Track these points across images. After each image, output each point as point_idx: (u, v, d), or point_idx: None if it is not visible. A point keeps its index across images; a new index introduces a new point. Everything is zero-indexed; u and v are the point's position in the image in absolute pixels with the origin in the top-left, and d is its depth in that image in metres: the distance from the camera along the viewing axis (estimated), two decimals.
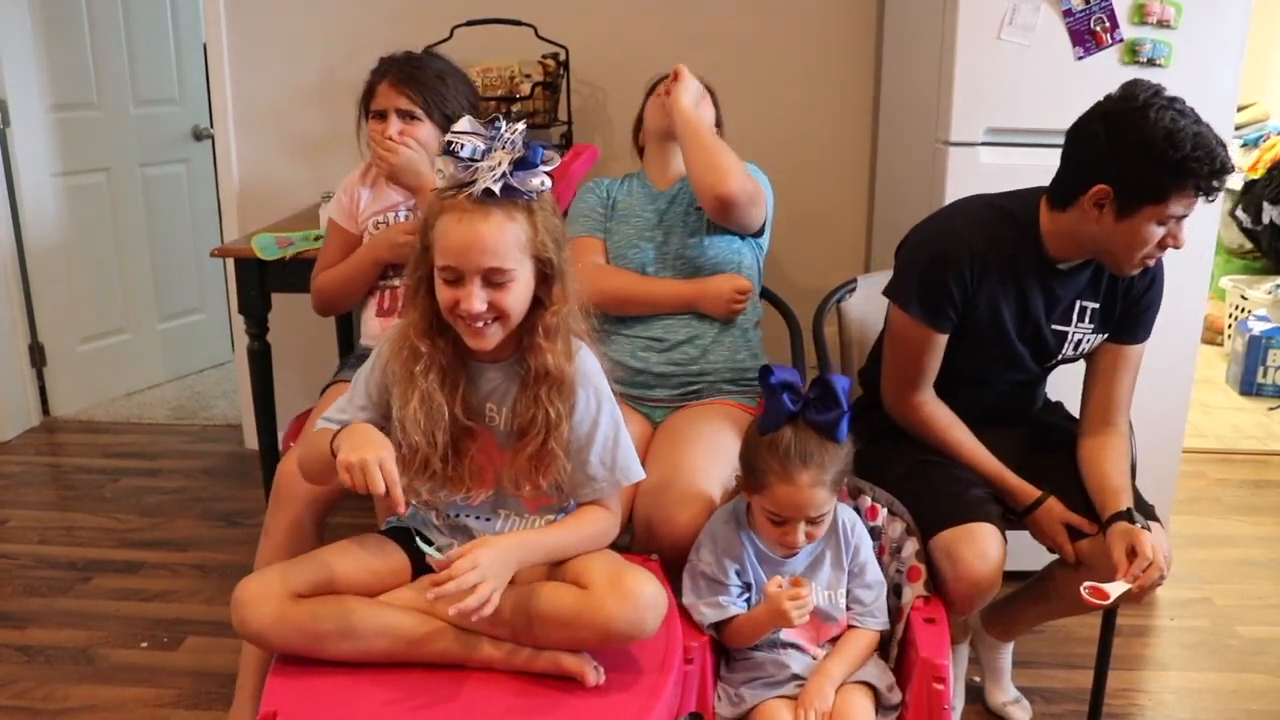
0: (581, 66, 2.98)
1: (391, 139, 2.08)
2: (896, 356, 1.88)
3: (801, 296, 2.40)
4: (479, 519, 1.56)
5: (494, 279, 1.39)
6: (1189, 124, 1.58)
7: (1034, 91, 2.26)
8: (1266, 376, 3.98)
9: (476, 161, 1.36)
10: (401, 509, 1.36)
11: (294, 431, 2.23)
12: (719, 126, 2.22)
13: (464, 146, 1.36)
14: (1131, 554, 1.64)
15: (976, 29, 2.24)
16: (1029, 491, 1.82)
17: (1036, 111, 2.26)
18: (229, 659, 2.20)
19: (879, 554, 1.77)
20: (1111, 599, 1.62)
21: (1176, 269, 1.84)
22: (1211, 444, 3.53)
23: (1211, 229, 2.46)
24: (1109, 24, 2.22)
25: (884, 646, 1.73)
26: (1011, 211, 1.81)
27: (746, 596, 1.68)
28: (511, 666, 1.46)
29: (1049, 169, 1.78)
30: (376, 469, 1.33)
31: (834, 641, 1.70)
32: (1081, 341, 1.86)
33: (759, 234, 2.16)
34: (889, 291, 1.87)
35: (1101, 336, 1.87)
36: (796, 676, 1.65)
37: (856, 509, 1.80)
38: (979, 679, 2.13)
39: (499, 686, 1.44)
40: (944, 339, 1.82)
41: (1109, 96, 1.68)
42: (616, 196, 2.24)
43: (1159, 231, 1.66)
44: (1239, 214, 4.57)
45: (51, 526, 2.90)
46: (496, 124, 1.38)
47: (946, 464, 1.85)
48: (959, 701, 2.04)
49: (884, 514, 1.79)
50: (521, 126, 1.38)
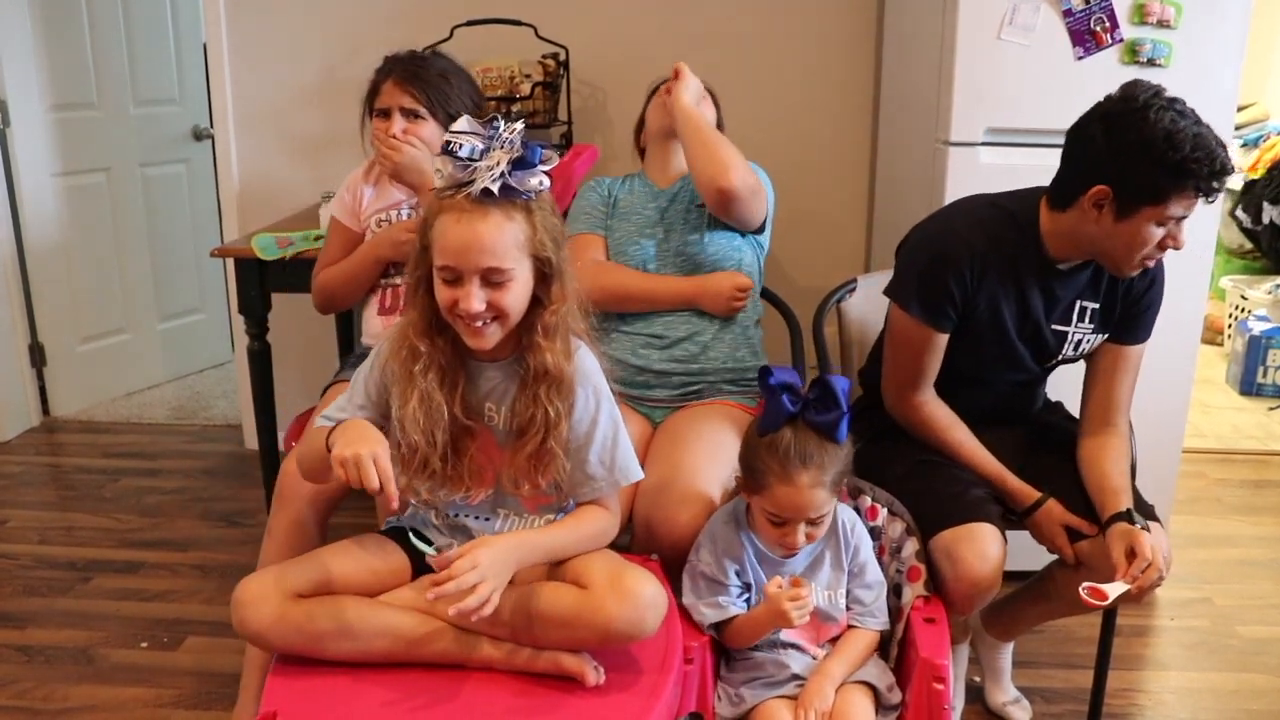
0: (581, 66, 2.98)
1: (395, 137, 2.09)
2: (897, 356, 1.88)
3: (801, 296, 2.41)
4: (478, 519, 1.56)
5: (493, 279, 1.39)
6: (1189, 125, 1.58)
7: (1034, 91, 2.26)
8: (1266, 376, 3.98)
9: (475, 161, 1.36)
10: (395, 503, 1.36)
11: (295, 431, 2.23)
12: (720, 127, 2.21)
13: (462, 146, 1.36)
14: (1131, 555, 1.64)
15: (976, 29, 2.24)
16: (1028, 493, 1.82)
17: (1036, 111, 2.26)
18: (229, 659, 2.21)
19: (879, 554, 1.77)
20: (1110, 599, 1.62)
21: (1176, 269, 1.84)
22: (1211, 444, 3.52)
23: (1211, 229, 2.46)
24: (1109, 24, 2.22)
25: (884, 646, 1.73)
26: (1012, 211, 1.81)
27: (746, 597, 1.68)
28: (512, 667, 1.46)
29: (1049, 169, 1.78)
30: (370, 464, 1.33)
31: (834, 641, 1.70)
32: (1082, 342, 1.86)
33: (759, 231, 2.16)
34: (889, 291, 1.87)
35: (1101, 337, 1.87)
36: (796, 676, 1.65)
37: (856, 509, 1.80)
38: (979, 679, 2.13)
39: (499, 686, 1.44)
40: (944, 339, 1.83)
41: (1109, 97, 1.67)
42: (618, 195, 2.24)
43: (1158, 232, 1.65)
44: (1239, 214, 4.57)
45: (51, 526, 2.90)
46: (495, 123, 1.38)
47: (946, 464, 1.85)
48: (959, 701, 2.04)
49: (884, 514, 1.79)
50: (520, 126, 1.38)
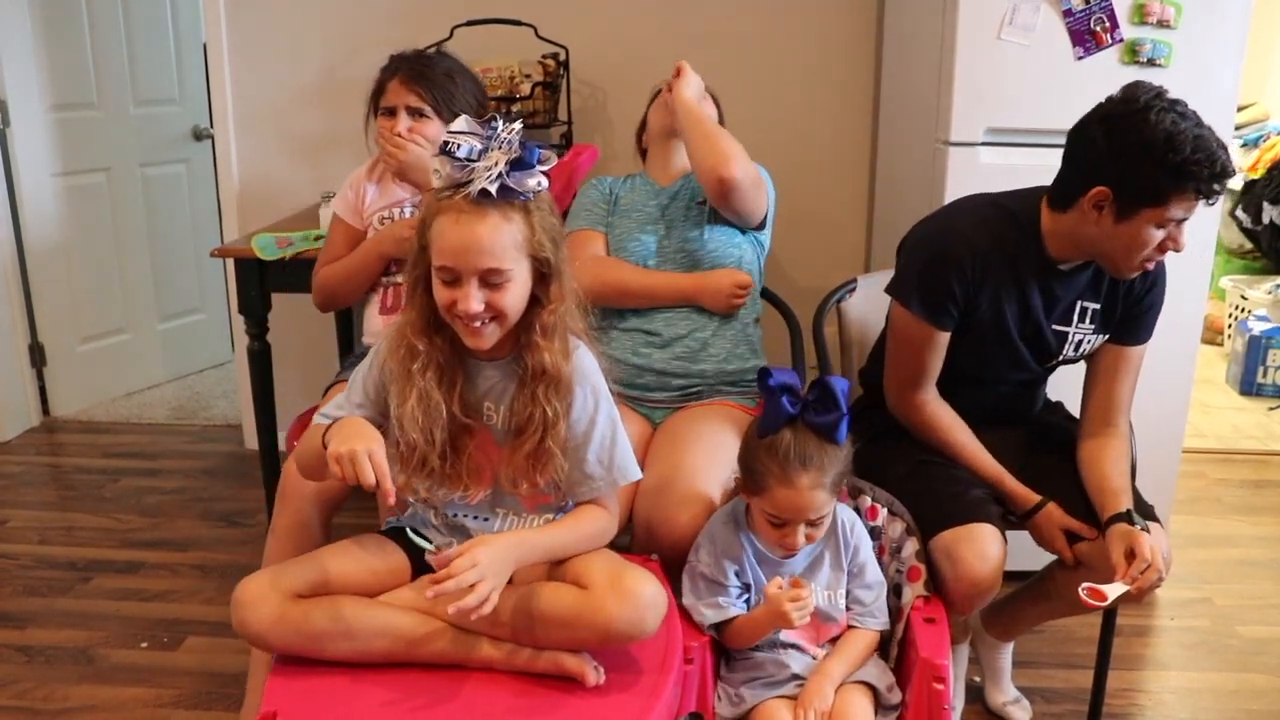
0: (581, 66, 2.97)
1: (400, 136, 2.10)
2: (899, 354, 1.88)
3: (801, 296, 2.41)
4: (476, 518, 1.56)
5: (491, 279, 1.39)
6: (1190, 127, 1.58)
7: (1034, 91, 2.26)
8: (1266, 376, 3.98)
9: (473, 161, 1.36)
10: (391, 499, 1.36)
11: (296, 431, 2.24)
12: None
13: (460, 147, 1.36)
14: (1130, 555, 1.64)
15: (976, 29, 2.24)
16: (1028, 496, 1.82)
17: (1036, 111, 2.26)
18: (229, 659, 2.21)
19: (879, 554, 1.77)
20: (1109, 600, 1.62)
21: (1176, 269, 1.84)
22: (1211, 444, 3.52)
23: (1211, 229, 2.46)
24: (1109, 24, 2.22)
25: (884, 646, 1.73)
26: (1013, 211, 1.80)
27: (746, 597, 1.68)
28: (512, 667, 1.46)
29: (1049, 169, 1.78)
30: (366, 460, 1.33)
31: (834, 641, 1.70)
32: (1082, 342, 1.86)
33: (760, 229, 2.16)
34: (891, 289, 1.87)
35: (1102, 337, 1.86)
36: (796, 676, 1.65)
37: (856, 509, 1.80)
38: (979, 679, 2.13)
39: (499, 686, 1.44)
40: (946, 337, 1.82)
41: (1110, 98, 1.67)
42: (619, 193, 2.24)
43: (1158, 234, 1.65)
44: (1239, 214, 4.57)
45: (51, 526, 2.90)
46: (493, 124, 1.38)
47: (946, 464, 1.85)
48: (959, 701, 2.04)
49: (884, 514, 1.79)
50: (518, 126, 1.38)
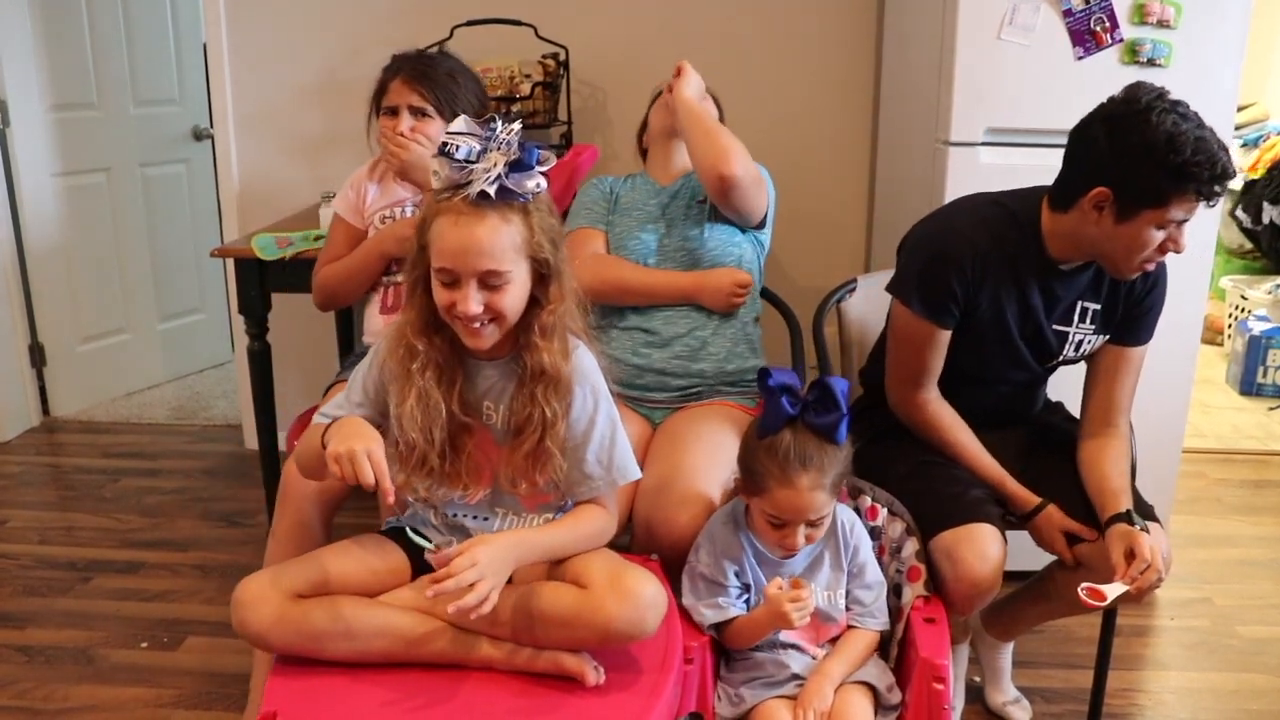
0: (581, 66, 2.97)
1: (403, 135, 2.10)
2: (900, 353, 1.88)
3: (801, 296, 2.41)
4: (476, 518, 1.56)
5: (490, 281, 1.39)
6: (1191, 128, 1.57)
7: (1034, 91, 2.26)
8: (1266, 376, 3.98)
9: (472, 163, 1.36)
10: (390, 498, 1.36)
11: (296, 431, 2.23)
12: None
13: (459, 148, 1.35)
14: (1130, 556, 1.64)
15: (976, 29, 2.24)
16: (1028, 498, 1.82)
17: (1036, 111, 2.26)
18: (229, 659, 2.21)
19: (879, 554, 1.77)
20: (1109, 600, 1.62)
21: (1176, 269, 1.84)
22: (1211, 444, 3.52)
23: (1211, 229, 2.46)
24: (1109, 24, 2.22)
25: (884, 646, 1.73)
26: (1014, 210, 1.80)
27: (746, 598, 1.68)
28: (512, 667, 1.46)
29: (1049, 169, 1.78)
30: (365, 459, 1.34)
31: (834, 642, 1.70)
32: (1083, 342, 1.86)
33: (760, 227, 2.16)
34: (892, 287, 1.87)
35: (1103, 338, 1.86)
36: (796, 676, 1.65)
37: (856, 509, 1.80)
38: (979, 679, 2.13)
39: (499, 686, 1.44)
40: (947, 335, 1.82)
41: (1111, 99, 1.67)
42: (619, 192, 2.24)
43: (1158, 235, 1.65)
44: (1239, 214, 4.57)
45: (51, 526, 2.90)
46: (492, 124, 1.37)
47: (947, 464, 1.85)
48: (959, 701, 2.04)
49: (884, 514, 1.79)
50: (517, 127, 1.37)
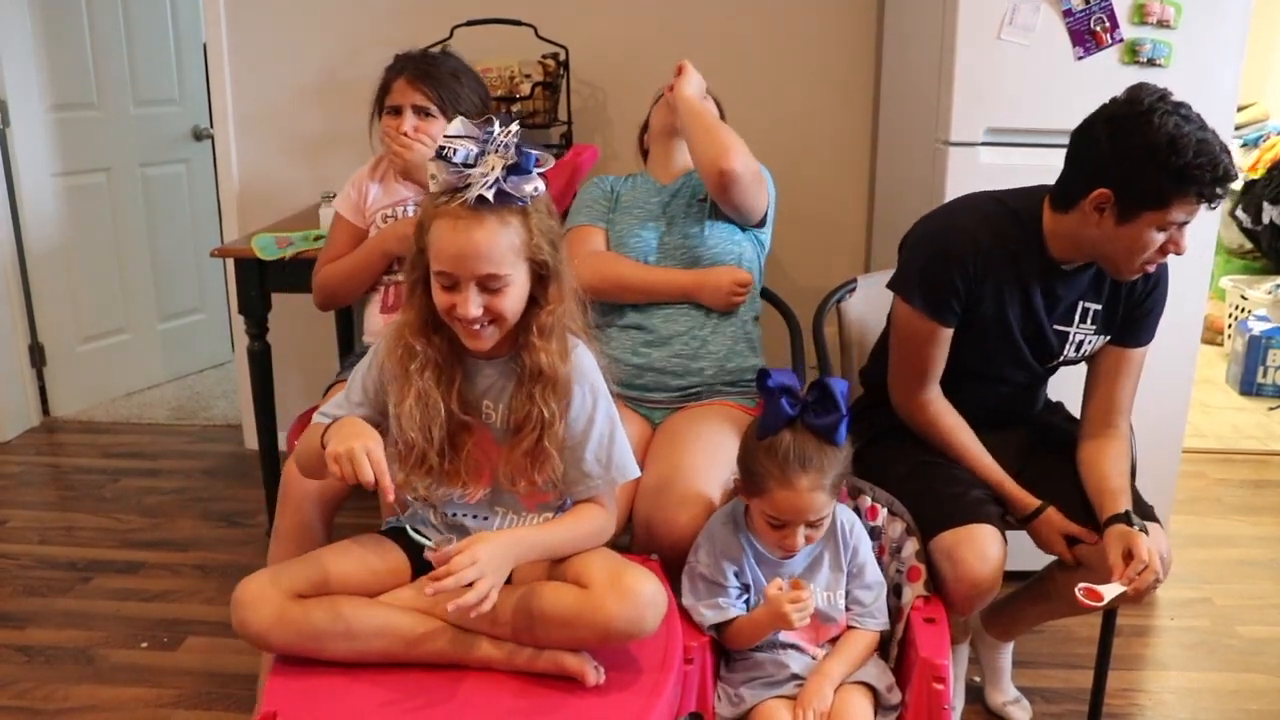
0: (581, 66, 2.97)
1: (406, 135, 2.10)
2: (902, 351, 1.88)
3: (801, 296, 2.41)
4: (476, 517, 1.56)
5: (489, 285, 1.39)
6: (1193, 130, 1.57)
7: (1034, 91, 2.26)
8: (1266, 376, 3.98)
9: (469, 167, 1.35)
10: (391, 496, 1.36)
11: (296, 431, 2.24)
12: None
13: (456, 152, 1.35)
14: (1128, 556, 1.64)
15: (976, 29, 2.24)
16: (1028, 502, 1.81)
17: (1036, 111, 2.26)
18: (229, 659, 2.21)
19: (879, 554, 1.77)
20: (1106, 601, 1.62)
21: (1176, 269, 1.84)
22: (1211, 444, 3.52)
23: (1211, 229, 2.46)
24: (1109, 24, 2.22)
25: (884, 646, 1.73)
26: (1016, 209, 1.80)
27: (745, 598, 1.68)
28: (512, 667, 1.46)
29: (1049, 169, 1.78)
30: (364, 457, 1.34)
31: (834, 642, 1.70)
32: (1083, 343, 1.86)
33: (760, 225, 2.16)
34: (893, 284, 1.87)
35: (1104, 338, 1.86)
36: (796, 676, 1.65)
37: (856, 509, 1.80)
38: (979, 679, 2.13)
39: (499, 687, 1.44)
40: (949, 333, 1.82)
41: (1114, 100, 1.66)
42: (620, 191, 2.25)
43: (1159, 237, 1.65)
44: (1239, 214, 4.56)
45: (51, 526, 2.90)
46: (490, 125, 1.37)
47: (947, 465, 1.85)
48: (959, 701, 2.04)
49: (884, 514, 1.79)
50: (515, 128, 1.37)
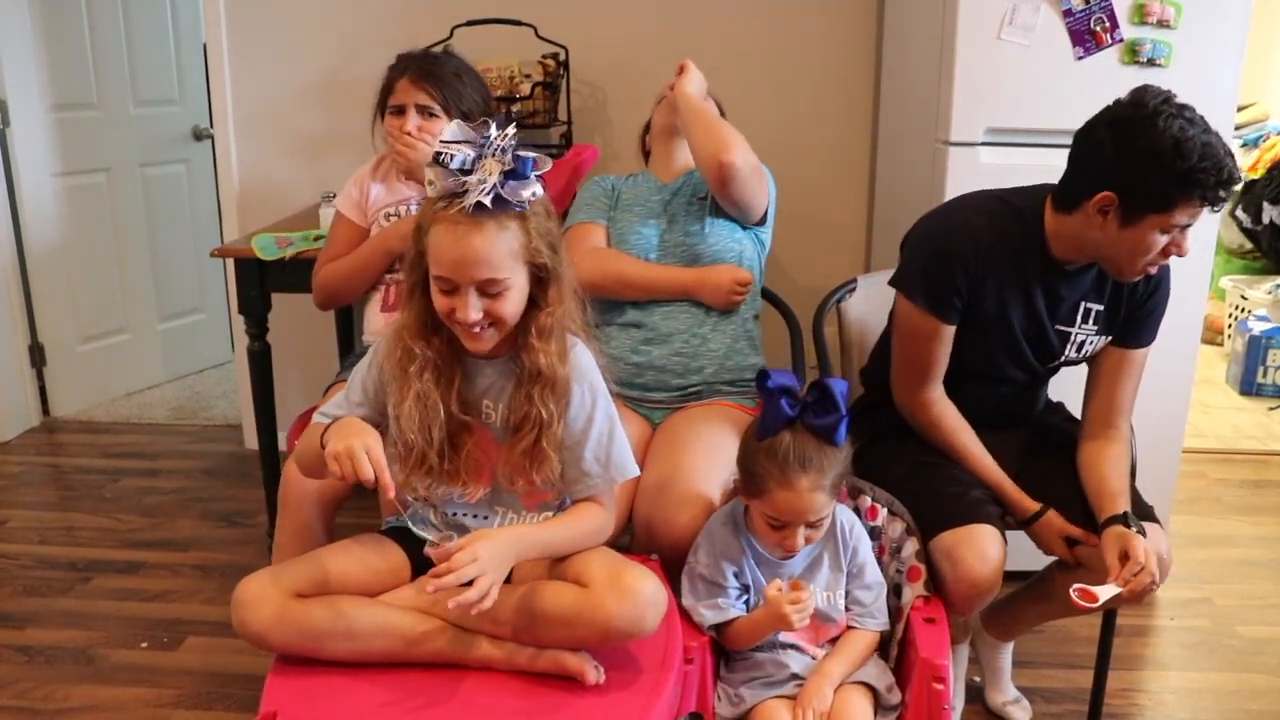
0: (581, 66, 2.97)
1: (410, 134, 2.11)
2: (905, 349, 1.87)
3: (801, 296, 2.41)
4: (475, 517, 1.57)
5: (489, 289, 1.39)
6: (1198, 133, 1.57)
7: (1034, 91, 2.26)
8: (1266, 376, 3.98)
9: (467, 173, 1.35)
10: (391, 493, 1.36)
11: (296, 431, 2.24)
12: None
13: (454, 158, 1.35)
14: (1124, 558, 1.64)
15: (976, 29, 2.24)
16: (1029, 505, 1.81)
17: (1036, 111, 2.26)
18: (229, 659, 2.21)
19: (879, 554, 1.77)
20: (1101, 602, 1.62)
21: (1177, 269, 1.84)
22: (1211, 444, 3.52)
23: (1211, 229, 2.46)
24: (1109, 24, 2.22)
25: (884, 646, 1.73)
26: (1019, 208, 1.80)
27: (745, 598, 1.68)
28: (513, 666, 1.46)
29: (1049, 169, 1.78)
30: (363, 455, 1.34)
31: (833, 642, 1.70)
32: (1085, 344, 1.86)
33: (760, 223, 2.16)
34: (895, 281, 1.87)
35: (1105, 339, 1.86)
36: (796, 676, 1.65)
37: (856, 509, 1.80)
38: (979, 679, 2.13)
39: (500, 687, 1.44)
40: (951, 331, 1.82)
41: (1118, 102, 1.66)
42: (621, 189, 2.26)
43: (1162, 240, 1.65)
44: (1239, 214, 4.56)
45: (51, 526, 2.90)
46: (487, 129, 1.36)
47: (947, 465, 1.84)
48: (959, 701, 2.04)
49: (884, 514, 1.79)
50: (512, 131, 1.37)
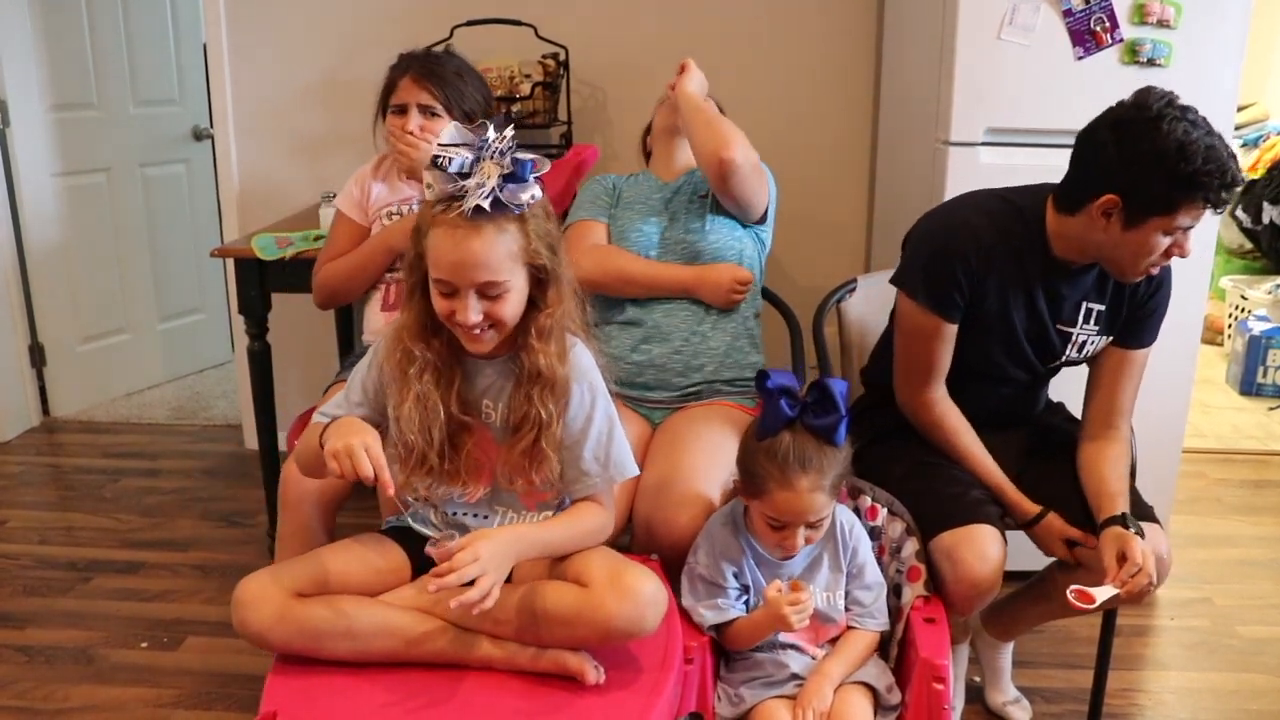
0: (581, 66, 2.97)
1: (412, 134, 2.11)
2: (907, 348, 1.87)
3: (801, 296, 2.41)
4: (476, 516, 1.57)
5: (489, 292, 1.39)
6: (1201, 136, 1.57)
7: (1034, 91, 2.26)
8: (1266, 376, 3.98)
9: (465, 175, 1.35)
10: (390, 490, 1.37)
11: (296, 431, 2.24)
12: None
13: (452, 161, 1.35)
14: (1122, 559, 1.64)
15: (976, 29, 2.24)
16: (1029, 508, 1.81)
17: (1036, 111, 2.26)
18: (229, 659, 2.21)
19: (879, 554, 1.77)
20: (1098, 603, 1.62)
21: (1177, 269, 1.84)
22: (1211, 444, 3.52)
23: (1211, 229, 2.45)
24: (1109, 24, 2.22)
25: (884, 646, 1.73)
26: (1020, 207, 1.80)
27: (745, 599, 1.68)
28: (514, 666, 1.46)
29: (1049, 169, 1.78)
30: (362, 452, 1.34)
31: (833, 642, 1.70)
32: (1086, 344, 1.86)
33: (761, 222, 2.16)
34: (896, 279, 1.86)
35: (1106, 339, 1.86)
36: (796, 676, 1.65)
37: (856, 509, 1.80)
38: (979, 679, 2.13)
39: (501, 687, 1.44)
40: (953, 329, 1.81)
41: (1121, 104, 1.66)
42: (622, 188, 2.26)
43: (1165, 241, 1.65)
44: (1239, 214, 4.56)
45: (51, 526, 2.89)
46: (485, 131, 1.36)
47: (947, 465, 1.84)
48: (959, 701, 2.04)
49: (884, 514, 1.79)
50: (509, 133, 1.36)
